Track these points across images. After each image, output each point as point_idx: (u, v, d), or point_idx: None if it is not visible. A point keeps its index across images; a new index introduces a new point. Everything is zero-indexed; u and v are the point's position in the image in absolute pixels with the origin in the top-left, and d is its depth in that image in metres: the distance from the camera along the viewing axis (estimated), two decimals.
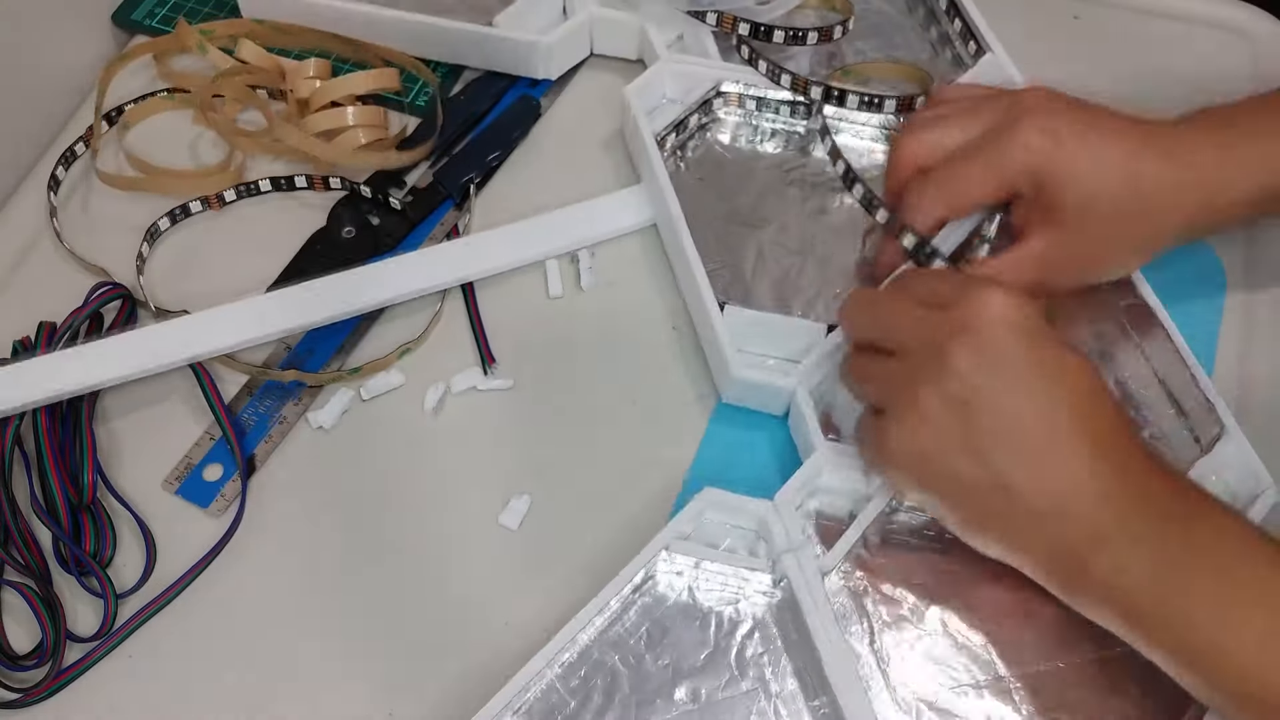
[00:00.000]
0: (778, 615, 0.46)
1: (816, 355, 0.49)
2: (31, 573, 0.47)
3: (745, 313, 0.51)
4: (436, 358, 0.53)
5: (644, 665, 0.44)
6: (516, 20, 0.61)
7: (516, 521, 0.49)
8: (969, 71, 0.58)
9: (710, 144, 0.59)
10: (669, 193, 0.54)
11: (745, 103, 0.59)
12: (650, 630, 0.45)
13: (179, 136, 0.61)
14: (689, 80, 0.58)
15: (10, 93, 0.59)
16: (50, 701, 0.45)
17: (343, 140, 0.59)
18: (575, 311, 0.55)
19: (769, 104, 0.58)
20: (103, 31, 0.66)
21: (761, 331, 0.51)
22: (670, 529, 0.45)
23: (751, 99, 0.58)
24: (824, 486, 0.48)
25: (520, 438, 0.51)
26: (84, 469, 0.49)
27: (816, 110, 0.56)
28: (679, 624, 0.45)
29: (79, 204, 0.59)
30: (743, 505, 0.46)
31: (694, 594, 0.46)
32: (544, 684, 0.43)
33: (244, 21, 0.63)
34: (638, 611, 0.45)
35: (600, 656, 0.44)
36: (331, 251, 0.56)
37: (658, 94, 0.59)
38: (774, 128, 0.59)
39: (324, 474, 0.50)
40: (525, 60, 0.62)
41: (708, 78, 0.58)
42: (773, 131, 0.59)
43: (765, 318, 0.51)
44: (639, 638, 0.45)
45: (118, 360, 0.51)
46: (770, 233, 0.56)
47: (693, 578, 0.46)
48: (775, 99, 0.58)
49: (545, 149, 0.61)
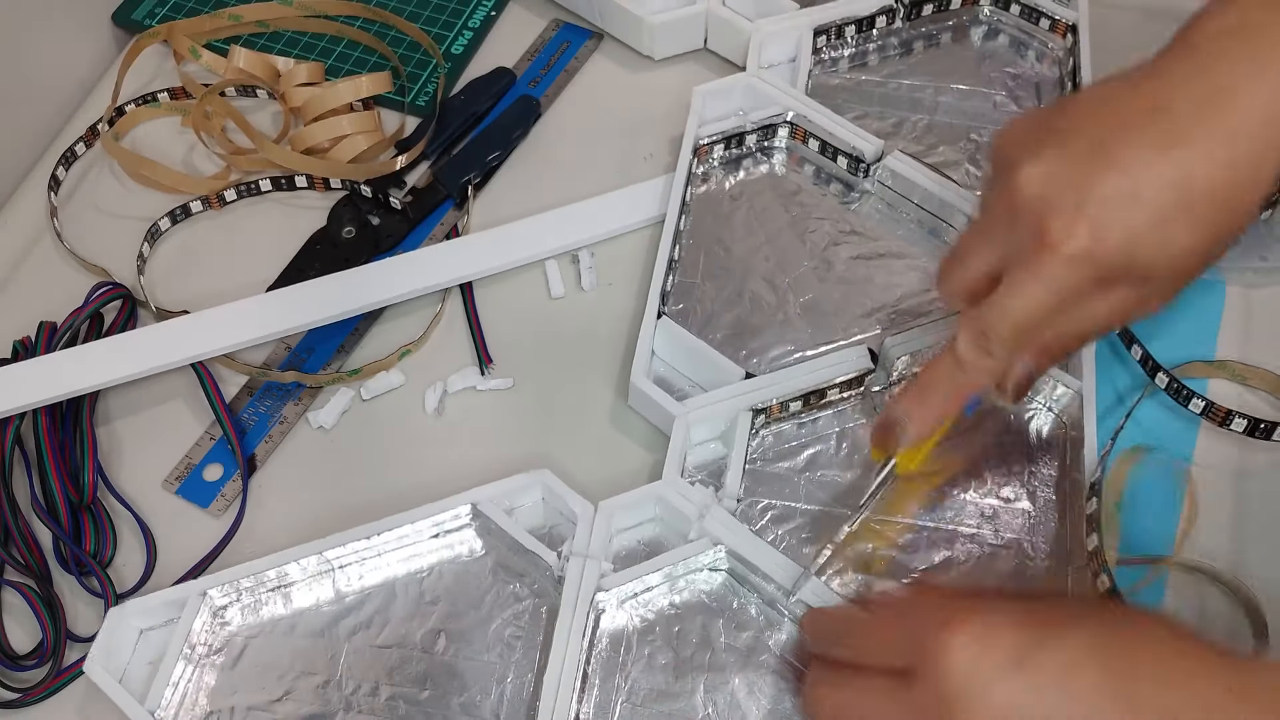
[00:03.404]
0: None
1: (708, 398, 0.49)
2: (32, 572, 0.47)
3: (678, 330, 0.51)
4: (436, 358, 0.53)
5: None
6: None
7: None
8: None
9: (759, 165, 0.59)
10: (677, 191, 0.55)
11: (809, 140, 0.58)
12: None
13: (181, 139, 0.61)
14: (762, 99, 0.58)
15: (10, 93, 0.59)
16: (50, 701, 0.45)
17: (338, 150, 0.59)
18: (576, 312, 0.55)
19: (829, 149, 0.58)
20: (103, 31, 0.66)
21: (685, 354, 0.51)
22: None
23: (816, 139, 0.58)
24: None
25: (520, 437, 0.51)
26: (84, 468, 0.49)
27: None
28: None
29: (79, 204, 0.59)
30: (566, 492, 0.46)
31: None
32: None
33: (272, 5, 0.64)
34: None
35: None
36: (331, 251, 0.56)
37: (728, 104, 0.59)
38: (829, 172, 0.58)
39: (324, 474, 0.50)
40: (633, 32, 0.63)
41: (780, 103, 0.58)
42: (823, 174, 0.58)
43: (694, 342, 0.51)
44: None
45: (118, 361, 0.51)
46: (764, 269, 0.55)
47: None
48: (836, 146, 0.57)
49: (545, 149, 0.61)
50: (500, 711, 0.44)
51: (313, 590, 0.46)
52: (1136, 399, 0.50)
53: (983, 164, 0.58)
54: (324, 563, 0.46)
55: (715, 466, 0.49)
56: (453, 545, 0.48)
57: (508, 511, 0.47)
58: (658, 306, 0.52)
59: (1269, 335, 0.53)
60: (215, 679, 0.45)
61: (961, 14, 0.64)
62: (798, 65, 0.60)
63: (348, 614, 0.46)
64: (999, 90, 0.61)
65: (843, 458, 0.50)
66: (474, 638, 0.45)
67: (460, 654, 0.45)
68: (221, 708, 0.44)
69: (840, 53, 0.63)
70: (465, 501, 0.46)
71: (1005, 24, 0.63)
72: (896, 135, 0.59)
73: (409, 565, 0.47)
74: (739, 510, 0.48)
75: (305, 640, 0.45)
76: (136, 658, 0.45)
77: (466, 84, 0.63)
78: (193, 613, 0.44)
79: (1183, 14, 0.40)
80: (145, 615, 0.45)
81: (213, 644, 0.45)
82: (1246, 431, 0.49)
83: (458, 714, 0.44)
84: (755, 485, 0.49)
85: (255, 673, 0.45)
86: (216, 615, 0.46)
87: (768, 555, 0.45)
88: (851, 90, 0.61)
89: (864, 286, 0.55)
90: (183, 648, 0.44)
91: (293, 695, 0.44)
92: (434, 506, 0.46)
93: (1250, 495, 0.49)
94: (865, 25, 0.62)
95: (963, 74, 0.62)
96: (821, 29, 0.61)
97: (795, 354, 0.52)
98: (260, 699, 0.44)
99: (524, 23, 0.66)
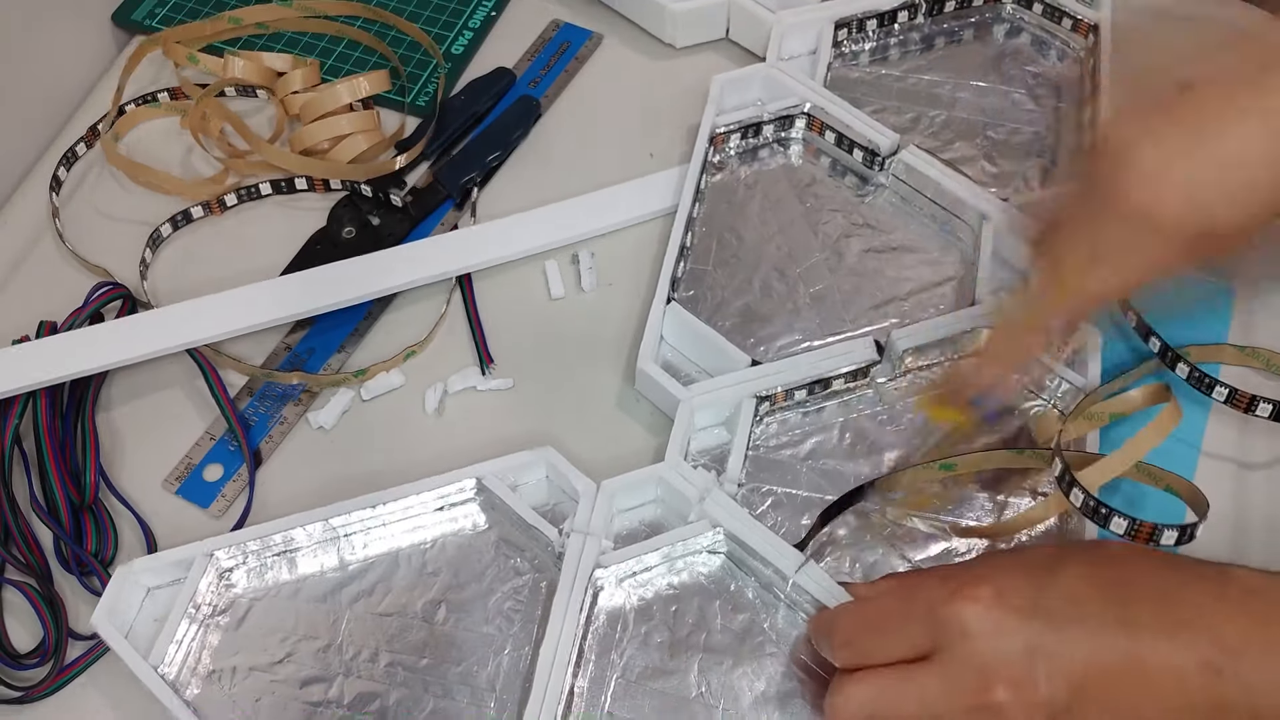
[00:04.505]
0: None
1: (713, 383, 0.49)
2: (33, 571, 0.47)
3: (686, 315, 0.51)
4: (437, 358, 0.54)
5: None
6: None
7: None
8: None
9: (775, 156, 0.59)
10: (691, 178, 0.55)
11: (825, 132, 0.58)
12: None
13: (181, 138, 0.61)
14: (780, 90, 0.59)
15: (10, 92, 0.59)
16: (52, 699, 0.45)
17: (338, 151, 0.59)
18: (576, 312, 0.55)
19: (845, 141, 0.58)
20: (103, 31, 0.66)
21: (693, 339, 0.51)
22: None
23: (832, 131, 0.58)
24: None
25: (524, 425, 0.51)
26: (86, 469, 0.49)
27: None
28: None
29: (80, 204, 0.59)
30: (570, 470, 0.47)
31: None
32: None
33: (271, 7, 0.64)
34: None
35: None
36: (332, 252, 0.56)
37: (747, 94, 0.59)
38: (844, 165, 0.59)
39: (324, 473, 0.50)
40: (654, 20, 0.64)
41: (798, 94, 0.58)
42: (838, 166, 0.59)
43: (702, 328, 0.51)
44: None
45: (120, 344, 0.51)
46: (775, 259, 0.55)
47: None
48: (852, 139, 0.57)
49: (545, 149, 0.61)
50: (496, 682, 0.44)
51: (317, 557, 0.47)
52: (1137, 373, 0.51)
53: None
54: (329, 530, 0.47)
55: (719, 452, 0.50)
56: (456, 518, 0.48)
57: (512, 487, 0.47)
58: (668, 291, 0.52)
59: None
60: (219, 639, 0.45)
61: (984, 11, 0.64)
62: (818, 58, 0.61)
63: (351, 581, 0.47)
64: (1018, 88, 0.61)
65: (846, 447, 0.50)
66: (474, 609, 0.46)
67: (460, 624, 0.46)
68: (224, 667, 0.45)
69: (861, 47, 0.63)
70: (470, 475, 0.47)
71: (1027, 22, 0.63)
72: (913, 130, 0.59)
73: (413, 536, 0.48)
74: (740, 495, 0.48)
75: (308, 605, 0.46)
76: (143, 615, 0.46)
77: (466, 84, 0.63)
78: (199, 573, 0.45)
79: (1204, 15, 0.41)
80: (153, 574, 0.46)
81: (218, 605, 0.46)
82: (1272, 416, 0.49)
83: (455, 683, 0.44)
84: (757, 471, 0.49)
85: (258, 634, 0.46)
86: (223, 577, 0.47)
87: (766, 540, 0.45)
88: (870, 84, 0.62)
89: (874, 279, 0.55)
90: (188, 607, 0.45)
91: (294, 658, 0.45)
92: (439, 479, 0.47)
93: (1256, 483, 0.49)
94: (887, 20, 0.63)
95: (982, 71, 0.62)
96: (843, 22, 0.62)
97: (803, 344, 0.53)
98: (262, 660, 0.45)
99: (524, 23, 0.66)
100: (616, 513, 0.48)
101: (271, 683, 0.44)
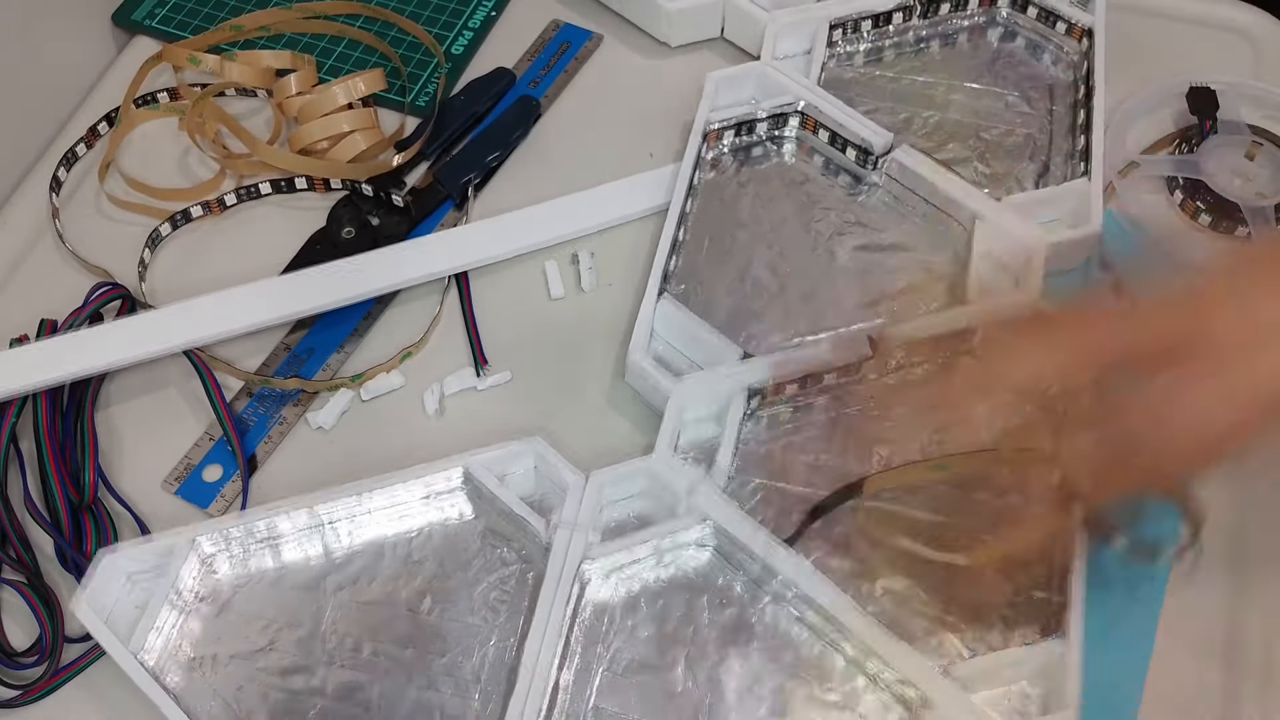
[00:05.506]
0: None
1: (704, 376, 0.49)
2: (29, 570, 0.47)
3: (678, 309, 0.51)
4: (436, 359, 0.54)
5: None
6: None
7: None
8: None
9: (769, 154, 0.59)
10: (684, 174, 0.55)
11: (819, 131, 0.58)
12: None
13: (181, 138, 0.61)
14: (774, 89, 0.59)
15: (10, 93, 0.59)
16: (48, 699, 0.45)
17: (338, 150, 0.59)
18: (576, 312, 0.55)
19: (839, 140, 0.58)
20: (103, 31, 0.66)
21: (684, 333, 0.51)
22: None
23: (826, 129, 0.58)
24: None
25: (517, 419, 0.51)
26: (85, 468, 0.49)
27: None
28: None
29: (80, 205, 0.59)
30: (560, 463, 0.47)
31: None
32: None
33: (273, 11, 0.64)
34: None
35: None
36: (331, 252, 0.56)
37: (741, 91, 0.59)
38: (837, 164, 0.58)
39: (324, 473, 0.49)
40: (650, 18, 0.64)
41: (792, 92, 0.58)
42: (831, 165, 0.59)
43: (693, 322, 0.51)
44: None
45: (120, 344, 0.51)
46: (768, 256, 0.55)
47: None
48: (846, 137, 0.57)
49: (545, 150, 0.61)
50: (481, 674, 0.44)
51: (302, 545, 0.47)
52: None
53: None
54: (314, 518, 0.46)
55: (708, 445, 0.49)
56: (443, 508, 0.48)
57: (500, 477, 0.47)
58: (659, 285, 0.52)
59: None
60: (200, 627, 0.45)
61: (978, 14, 0.64)
62: (812, 57, 0.61)
63: (335, 570, 0.46)
64: (1012, 90, 0.61)
65: (837, 443, 0.50)
66: (459, 600, 0.46)
67: (445, 615, 0.45)
68: (205, 655, 0.44)
69: (855, 47, 0.63)
70: (457, 465, 0.47)
71: (1022, 26, 0.64)
72: (907, 130, 0.59)
73: (398, 526, 0.47)
74: (729, 489, 0.48)
75: (292, 593, 0.46)
76: (125, 601, 0.45)
77: (466, 84, 0.63)
78: (180, 559, 0.45)
79: (1195, 19, 0.41)
80: (135, 560, 0.45)
81: (200, 592, 0.46)
82: None
83: (439, 674, 0.44)
84: (747, 465, 0.49)
85: (240, 622, 0.45)
86: (205, 564, 0.46)
87: (755, 534, 0.45)
88: (864, 84, 0.62)
89: (866, 277, 0.55)
90: (169, 593, 0.44)
91: (276, 646, 0.44)
92: (425, 468, 0.47)
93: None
94: (882, 21, 0.63)
95: (976, 73, 0.62)
96: (838, 23, 0.62)
97: (795, 340, 0.53)
98: (244, 648, 0.44)
99: (524, 23, 0.66)
100: (605, 504, 0.47)
101: (253, 671, 0.44)
